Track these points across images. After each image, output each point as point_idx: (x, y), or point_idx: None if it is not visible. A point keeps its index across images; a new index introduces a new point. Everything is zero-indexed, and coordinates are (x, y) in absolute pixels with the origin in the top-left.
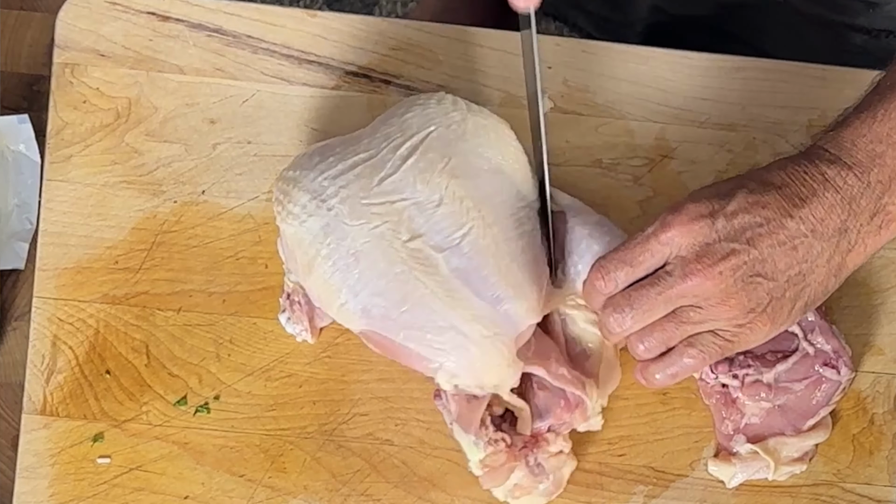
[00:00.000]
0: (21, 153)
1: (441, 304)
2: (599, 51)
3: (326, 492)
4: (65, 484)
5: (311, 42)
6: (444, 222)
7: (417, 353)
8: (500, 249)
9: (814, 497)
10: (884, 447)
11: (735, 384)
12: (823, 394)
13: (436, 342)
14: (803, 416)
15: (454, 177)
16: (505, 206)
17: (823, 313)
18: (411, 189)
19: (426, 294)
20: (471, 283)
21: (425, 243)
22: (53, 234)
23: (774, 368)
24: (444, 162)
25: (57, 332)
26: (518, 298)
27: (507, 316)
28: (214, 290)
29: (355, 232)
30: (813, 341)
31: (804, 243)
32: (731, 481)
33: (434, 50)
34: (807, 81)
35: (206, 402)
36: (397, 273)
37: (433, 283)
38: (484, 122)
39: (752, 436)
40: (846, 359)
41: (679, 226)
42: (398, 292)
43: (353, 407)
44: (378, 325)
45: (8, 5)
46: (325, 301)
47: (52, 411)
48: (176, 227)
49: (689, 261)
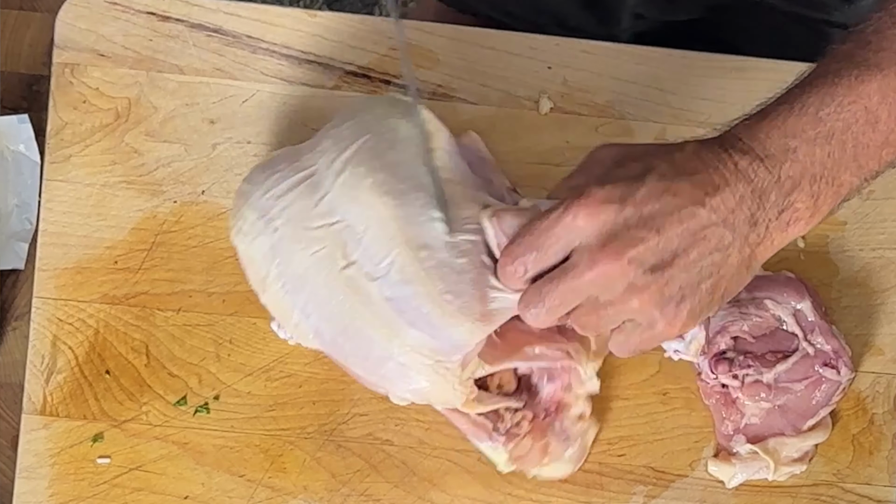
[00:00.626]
0: (21, 153)
1: (378, 334)
2: (599, 51)
3: (326, 492)
4: (65, 484)
5: (311, 42)
6: (373, 248)
7: (366, 379)
8: (431, 275)
9: (814, 497)
10: (884, 447)
11: (735, 384)
12: (823, 394)
13: (379, 370)
14: (803, 417)
15: (380, 195)
16: (435, 225)
17: (824, 313)
18: (344, 209)
19: (364, 325)
20: (404, 314)
21: (358, 271)
22: (53, 234)
23: (774, 368)
24: (371, 178)
25: (57, 332)
26: (456, 325)
27: (448, 341)
28: (214, 290)
29: (299, 256)
30: (813, 341)
31: (715, 233)
32: (731, 481)
33: (434, 50)
34: None
35: (206, 402)
36: (339, 300)
37: (369, 314)
38: (414, 129)
39: (752, 436)
40: (846, 359)
41: (585, 212)
42: (340, 320)
43: (353, 407)
44: (329, 349)
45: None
46: (282, 319)
47: (51, 411)
48: (176, 227)
49: (594, 249)
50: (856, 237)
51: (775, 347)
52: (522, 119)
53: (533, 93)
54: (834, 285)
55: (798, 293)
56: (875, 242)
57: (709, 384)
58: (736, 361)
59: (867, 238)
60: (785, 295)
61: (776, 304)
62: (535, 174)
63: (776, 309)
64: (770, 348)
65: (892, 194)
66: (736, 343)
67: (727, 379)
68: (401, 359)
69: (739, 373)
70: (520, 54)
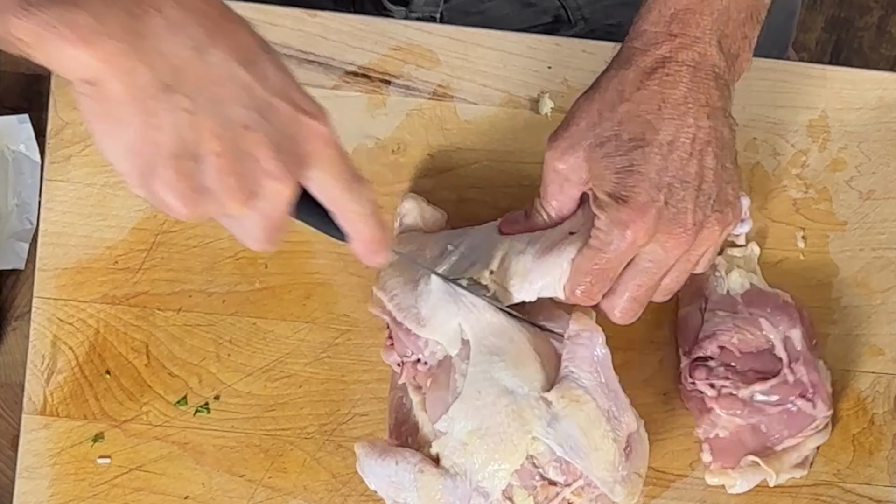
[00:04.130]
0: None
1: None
2: (599, 51)
3: (326, 492)
4: (65, 484)
5: (311, 42)
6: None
7: None
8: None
9: (814, 497)
10: (884, 447)
11: (711, 393)
12: (795, 424)
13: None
14: (772, 442)
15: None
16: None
17: (813, 346)
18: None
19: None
20: None
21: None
22: (53, 234)
23: (751, 387)
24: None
25: (57, 332)
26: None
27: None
28: (214, 290)
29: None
30: (795, 370)
31: (717, 137)
32: (732, 490)
33: (434, 50)
34: (807, 81)
35: (206, 402)
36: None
37: None
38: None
39: (718, 450)
40: (824, 396)
41: (640, 229)
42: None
43: (353, 407)
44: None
45: None
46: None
47: (52, 411)
48: (176, 227)
49: (653, 237)
50: (856, 237)
51: (758, 367)
52: (522, 119)
53: (533, 93)
54: (834, 285)
55: (791, 320)
56: (875, 242)
57: (686, 387)
58: (716, 371)
59: (867, 238)
60: (779, 318)
61: (770, 326)
62: (535, 174)
63: (769, 331)
64: (753, 366)
65: (892, 194)
66: (721, 353)
67: (703, 386)
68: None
69: (717, 383)
70: (520, 54)
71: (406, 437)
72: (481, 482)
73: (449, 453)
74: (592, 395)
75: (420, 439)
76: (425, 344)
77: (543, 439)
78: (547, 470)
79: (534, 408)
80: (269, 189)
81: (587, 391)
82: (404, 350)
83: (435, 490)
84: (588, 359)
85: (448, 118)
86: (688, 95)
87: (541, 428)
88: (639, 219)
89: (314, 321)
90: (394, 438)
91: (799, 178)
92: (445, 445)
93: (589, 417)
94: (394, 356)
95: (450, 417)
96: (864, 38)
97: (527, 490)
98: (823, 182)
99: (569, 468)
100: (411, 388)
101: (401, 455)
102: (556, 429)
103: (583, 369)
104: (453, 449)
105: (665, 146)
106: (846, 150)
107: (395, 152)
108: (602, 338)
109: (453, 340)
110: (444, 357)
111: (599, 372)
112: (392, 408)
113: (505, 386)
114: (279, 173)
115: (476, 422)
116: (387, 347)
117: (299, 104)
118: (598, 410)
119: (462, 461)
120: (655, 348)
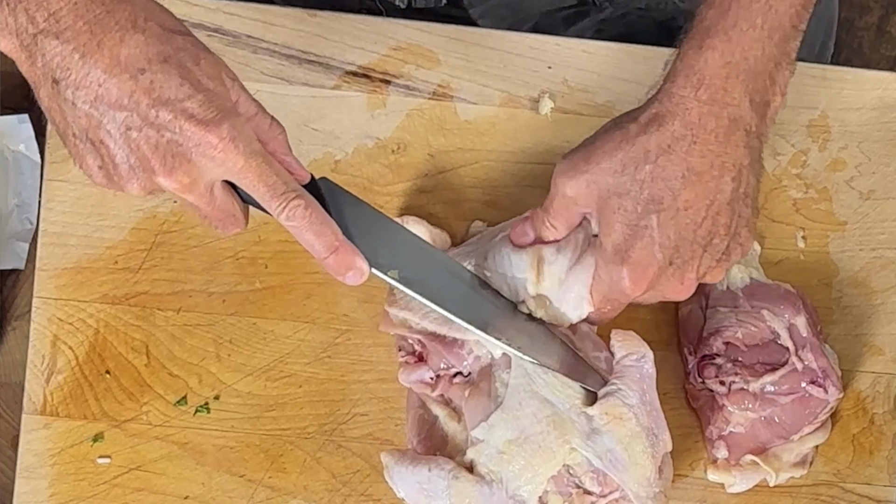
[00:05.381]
0: (21, 153)
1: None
2: (599, 51)
3: (326, 492)
4: (65, 484)
5: (311, 42)
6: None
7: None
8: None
9: (814, 497)
10: (884, 447)
11: (721, 390)
12: (809, 411)
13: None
14: (787, 431)
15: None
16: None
17: (818, 332)
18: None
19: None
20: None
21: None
22: (53, 234)
23: (761, 379)
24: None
25: (57, 332)
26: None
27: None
28: (214, 290)
29: None
30: (803, 357)
31: (740, 192)
32: (731, 489)
33: (434, 50)
34: (807, 81)
35: (206, 402)
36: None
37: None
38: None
39: (734, 445)
40: (834, 379)
41: (641, 282)
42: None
43: (353, 407)
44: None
45: None
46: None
47: (52, 411)
48: (176, 227)
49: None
50: (856, 237)
51: (765, 359)
52: (522, 119)
53: (533, 93)
54: (834, 285)
55: (795, 308)
56: (875, 242)
57: (695, 387)
58: (724, 367)
59: (867, 238)
60: (782, 307)
61: (773, 316)
62: (535, 174)
63: (772, 321)
64: (760, 359)
65: (892, 194)
66: (727, 349)
67: (714, 384)
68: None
69: (726, 379)
70: (520, 54)
71: (434, 451)
72: (518, 490)
73: (485, 461)
74: (636, 412)
75: (450, 450)
76: (469, 352)
77: (582, 451)
78: (583, 480)
79: (574, 421)
80: (162, 184)
81: (631, 409)
82: (439, 364)
83: (470, 497)
84: (636, 377)
85: (448, 118)
86: (714, 162)
87: (580, 439)
88: (637, 278)
89: (314, 321)
90: (421, 452)
91: (799, 178)
92: (482, 453)
93: (631, 433)
94: (416, 374)
95: (489, 425)
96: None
97: (562, 496)
98: (823, 182)
99: (605, 480)
100: (435, 403)
101: (434, 462)
102: (595, 441)
103: (630, 387)
104: (489, 456)
105: (681, 211)
106: (846, 150)
107: (395, 152)
108: (651, 356)
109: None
110: (486, 364)
111: (645, 391)
112: (413, 424)
113: (546, 399)
114: (163, 172)
115: (516, 432)
116: (406, 367)
117: (189, 112)
118: (639, 427)
119: (498, 469)
120: (655, 348)
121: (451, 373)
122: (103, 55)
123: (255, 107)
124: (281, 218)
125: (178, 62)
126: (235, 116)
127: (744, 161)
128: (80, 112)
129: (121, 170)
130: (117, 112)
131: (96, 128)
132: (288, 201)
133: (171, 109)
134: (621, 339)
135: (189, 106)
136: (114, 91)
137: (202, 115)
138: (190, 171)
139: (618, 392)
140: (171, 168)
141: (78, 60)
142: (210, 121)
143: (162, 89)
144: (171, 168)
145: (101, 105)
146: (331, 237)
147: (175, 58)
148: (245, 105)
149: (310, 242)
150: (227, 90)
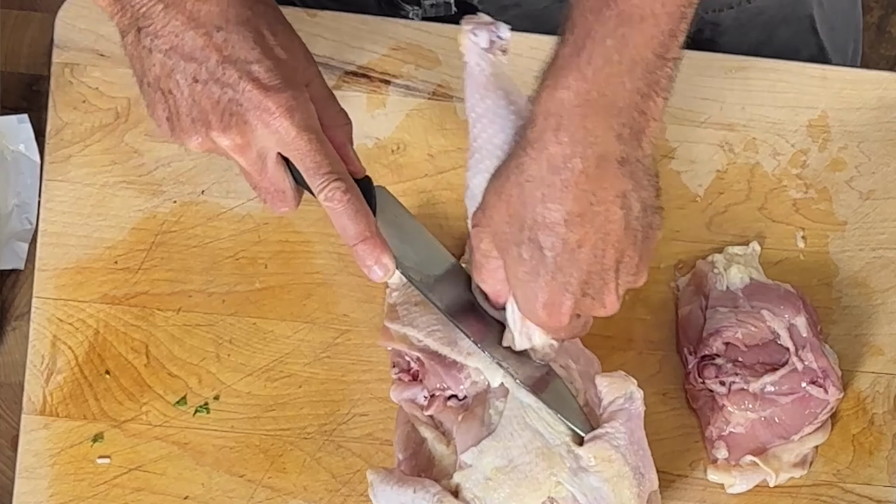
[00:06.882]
0: (21, 153)
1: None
2: None
3: (326, 492)
4: (65, 484)
5: (311, 42)
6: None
7: None
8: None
9: (814, 497)
10: (884, 447)
11: (721, 391)
12: (809, 411)
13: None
14: (787, 431)
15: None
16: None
17: (818, 332)
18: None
19: None
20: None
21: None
22: (53, 234)
23: (761, 379)
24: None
25: (57, 332)
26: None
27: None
28: (214, 290)
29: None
30: (803, 357)
31: (631, 214)
32: (730, 490)
33: (434, 50)
34: (807, 81)
35: (206, 402)
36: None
37: None
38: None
39: (734, 445)
40: (834, 379)
41: (556, 323)
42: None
43: (353, 407)
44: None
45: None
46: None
47: (51, 411)
48: (176, 227)
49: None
50: (856, 237)
51: (765, 359)
52: None
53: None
54: (834, 285)
55: (795, 308)
56: (875, 242)
57: (696, 387)
58: (724, 368)
59: (867, 238)
60: (782, 308)
61: (773, 316)
62: None
63: (772, 321)
64: (760, 359)
65: (892, 194)
66: (727, 349)
67: (714, 384)
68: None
69: (726, 380)
70: (520, 54)
71: (419, 471)
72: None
73: (471, 486)
74: (623, 452)
75: (436, 473)
76: (467, 376)
77: (567, 486)
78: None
79: (563, 456)
80: (217, 141)
81: (619, 450)
82: (435, 384)
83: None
84: (624, 419)
85: (448, 118)
86: (592, 200)
87: (567, 475)
88: (555, 316)
89: (314, 321)
90: (406, 470)
91: (799, 178)
92: (468, 478)
93: (618, 474)
94: (408, 393)
95: (479, 451)
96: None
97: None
98: (823, 182)
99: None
100: (424, 425)
101: (419, 484)
102: (581, 479)
103: (618, 429)
104: (476, 482)
105: (576, 250)
106: (846, 150)
107: (395, 152)
108: (640, 395)
109: (497, 371)
110: (483, 390)
111: (633, 430)
112: (400, 440)
113: (538, 431)
114: (219, 127)
115: (504, 460)
116: (399, 384)
117: (253, 75)
118: (627, 467)
119: (483, 495)
120: (655, 348)
121: (447, 394)
122: (185, 8)
123: (326, 91)
124: (321, 197)
125: (254, 27)
126: (298, 89)
127: (625, 187)
128: (154, 60)
129: (183, 122)
130: (188, 63)
131: (167, 77)
132: (330, 181)
133: (238, 69)
134: (608, 382)
135: (255, 69)
136: (188, 42)
137: (266, 80)
138: (244, 132)
139: (605, 435)
140: (227, 126)
141: (161, 11)
142: (272, 87)
143: (234, 49)
144: (226, 126)
145: (175, 55)
146: (365, 226)
147: (253, 22)
148: (317, 88)
149: (344, 226)
150: (298, 65)
